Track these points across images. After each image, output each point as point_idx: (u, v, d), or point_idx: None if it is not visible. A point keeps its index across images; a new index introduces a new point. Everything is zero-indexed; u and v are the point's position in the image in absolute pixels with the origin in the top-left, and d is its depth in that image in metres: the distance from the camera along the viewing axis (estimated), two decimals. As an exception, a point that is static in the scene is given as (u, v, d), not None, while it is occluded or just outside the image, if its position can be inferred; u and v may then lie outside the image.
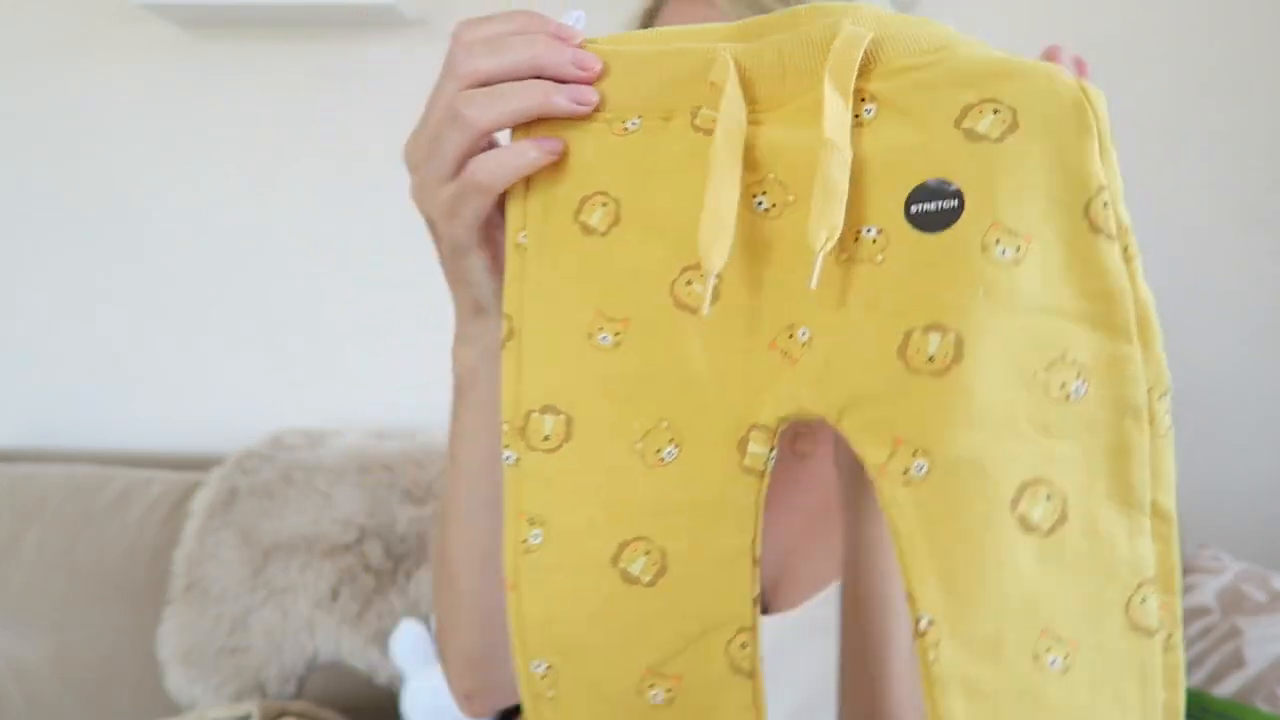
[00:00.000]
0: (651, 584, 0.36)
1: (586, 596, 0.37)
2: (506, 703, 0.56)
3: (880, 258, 0.34)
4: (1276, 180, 1.53)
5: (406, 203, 0.43)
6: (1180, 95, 1.51)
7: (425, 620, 1.27)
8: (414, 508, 1.34)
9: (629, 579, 0.36)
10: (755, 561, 0.36)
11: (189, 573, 1.32)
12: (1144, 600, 0.33)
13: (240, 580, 1.31)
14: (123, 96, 1.52)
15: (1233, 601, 1.18)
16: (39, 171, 1.54)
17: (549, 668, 0.37)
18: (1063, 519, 0.33)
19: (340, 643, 1.29)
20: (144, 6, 1.39)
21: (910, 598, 0.32)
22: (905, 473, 0.32)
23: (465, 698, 0.57)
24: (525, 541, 0.37)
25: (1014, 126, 0.33)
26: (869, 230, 0.34)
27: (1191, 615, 1.20)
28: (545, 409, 0.37)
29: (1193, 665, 1.15)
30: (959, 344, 0.32)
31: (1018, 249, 0.32)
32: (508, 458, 0.38)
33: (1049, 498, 0.32)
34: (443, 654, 0.57)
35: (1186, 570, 1.28)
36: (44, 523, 1.35)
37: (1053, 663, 0.32)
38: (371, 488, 1.35)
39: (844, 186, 0.32)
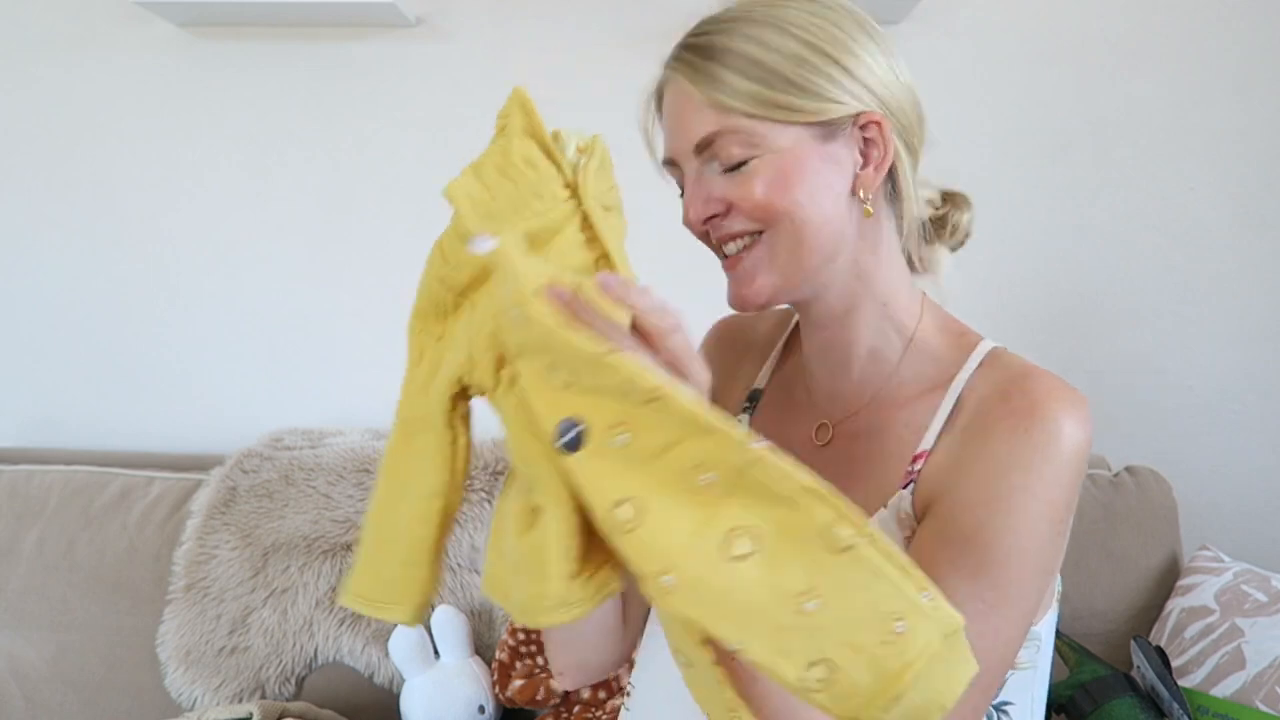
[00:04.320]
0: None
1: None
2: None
3: None
4: (1277, 180, 1.53)
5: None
6: (1180, 95, 1.51)
7: (424, 620, 1.27)
8: (414, 508, 1.34)
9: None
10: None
11: (189, 573, 1.32)
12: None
13: (240, 580, 1.31)
14: (121, 95, 1.52)
15: (1233, 601, 1.18)
16: (38, 170, 1.54)
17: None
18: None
19: (340, 643, 1.29)
20: (142, 5, 1.39)
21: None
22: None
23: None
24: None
25: None
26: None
27: (1191, 615, 1.20)
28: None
29: (1193, 665, 1.15)
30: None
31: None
32: None
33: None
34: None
35: (1186, 570, 1.28)
36: (44, 523, 1.35)
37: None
38: (371, 488, 1.35)
39: None
